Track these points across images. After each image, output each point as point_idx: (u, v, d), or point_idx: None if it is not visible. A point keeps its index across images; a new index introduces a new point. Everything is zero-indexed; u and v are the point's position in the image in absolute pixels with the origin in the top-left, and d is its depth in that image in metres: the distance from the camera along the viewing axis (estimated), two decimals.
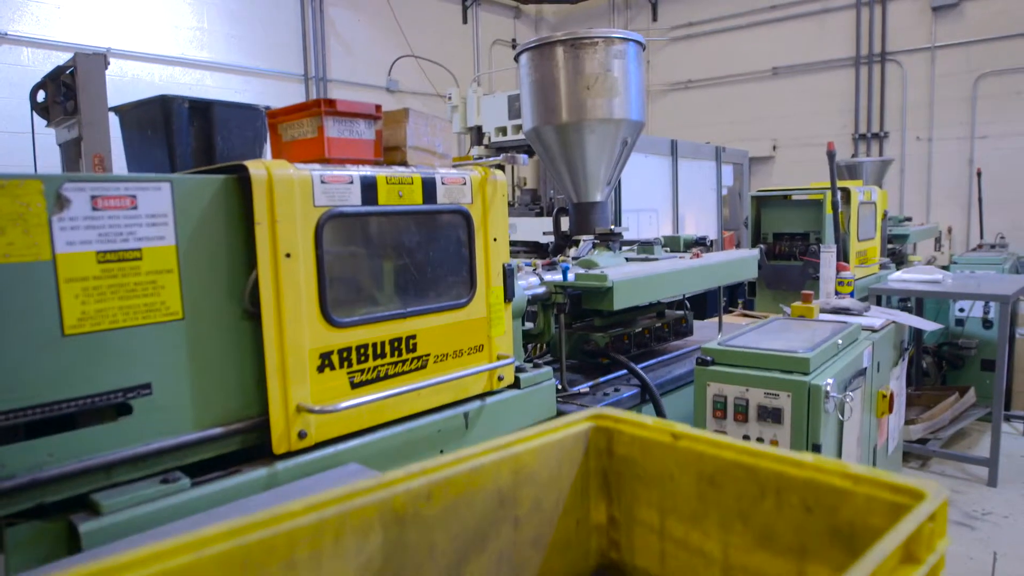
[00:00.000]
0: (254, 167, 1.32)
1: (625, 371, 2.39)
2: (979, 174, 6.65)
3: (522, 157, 2.09)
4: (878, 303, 4.42)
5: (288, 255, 1.35)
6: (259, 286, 1.33)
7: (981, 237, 6.82)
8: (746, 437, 2.04)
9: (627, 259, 2.67)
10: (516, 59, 2.73)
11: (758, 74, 8.32)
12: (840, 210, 3.68)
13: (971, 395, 5.01)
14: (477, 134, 5.38)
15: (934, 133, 7.30)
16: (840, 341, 2.21)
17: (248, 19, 6.70)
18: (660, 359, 2.72)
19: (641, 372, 2.33)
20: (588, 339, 2.49)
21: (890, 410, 2.61)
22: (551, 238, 2.91)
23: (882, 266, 4.97)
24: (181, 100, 1.89)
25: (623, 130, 2.59)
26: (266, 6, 6.86)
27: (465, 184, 1.70)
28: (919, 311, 4.85)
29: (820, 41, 7.91)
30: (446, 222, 1.68)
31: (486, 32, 9.18)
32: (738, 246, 5.26)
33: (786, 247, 4.27)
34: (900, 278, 4.61)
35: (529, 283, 2.16)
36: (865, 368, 2.33)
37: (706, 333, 2.99)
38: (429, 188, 1.62)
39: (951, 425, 4.80)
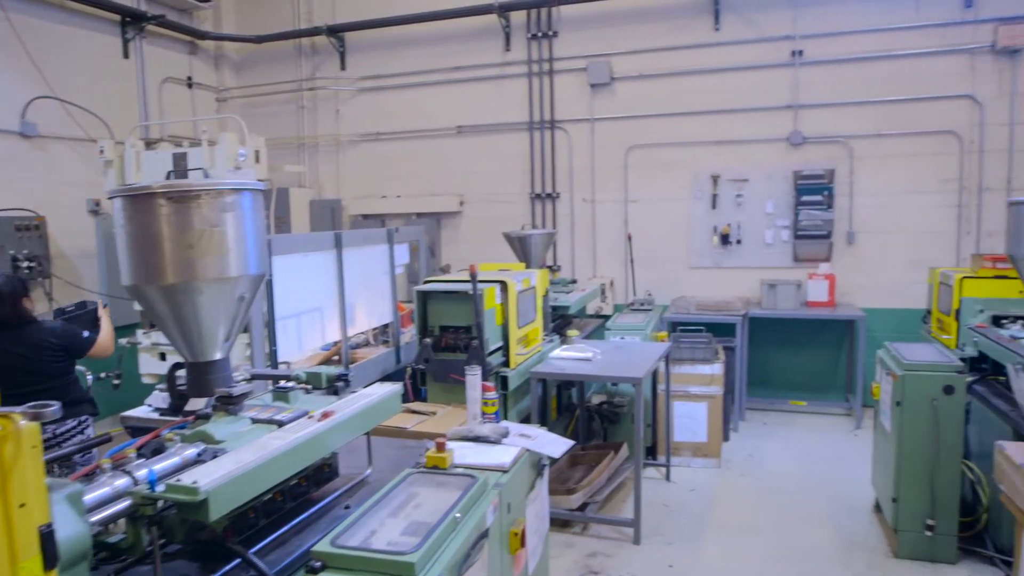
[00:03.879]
0: None
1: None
2: (629, 238, 7.56)
3: None
4: (542, 384, 4.71)
5: None
6: None
7: (634, 294, 7.76)
8: None
9: (252, 420, 2.45)
10: (111, 199, 2.37)
11: (444, 131, 8.59)
12: (484, 335, 3.87)
13: (624, 451, 5.56)
14: None
15: (596, 196, 8.14)
16: (458, 514, 2.22)
17: None
18: (302, 517, 2.54)
19: (259, 563, 2.12)
20: (202, 524, 2.22)
21: (523, 544, 2.72)
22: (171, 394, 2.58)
23: (549, 340, 5.33)
24: None
25: (239, 287, 2.37)
26: None
27: None
28: None
29: (500, 104, 8.40)
30: None
31: (155, 68, 8.29)
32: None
33: (452, 339, 4.37)
34: (558, 356, 4.96)
35: (115, 488, 1.84)
36: (488, 528, 2.38)
37: (358, 459, 2.88)
38: None
39: (608, 484, 5.27)
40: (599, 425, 6.07)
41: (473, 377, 3.22)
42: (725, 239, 7.66)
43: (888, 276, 7.31)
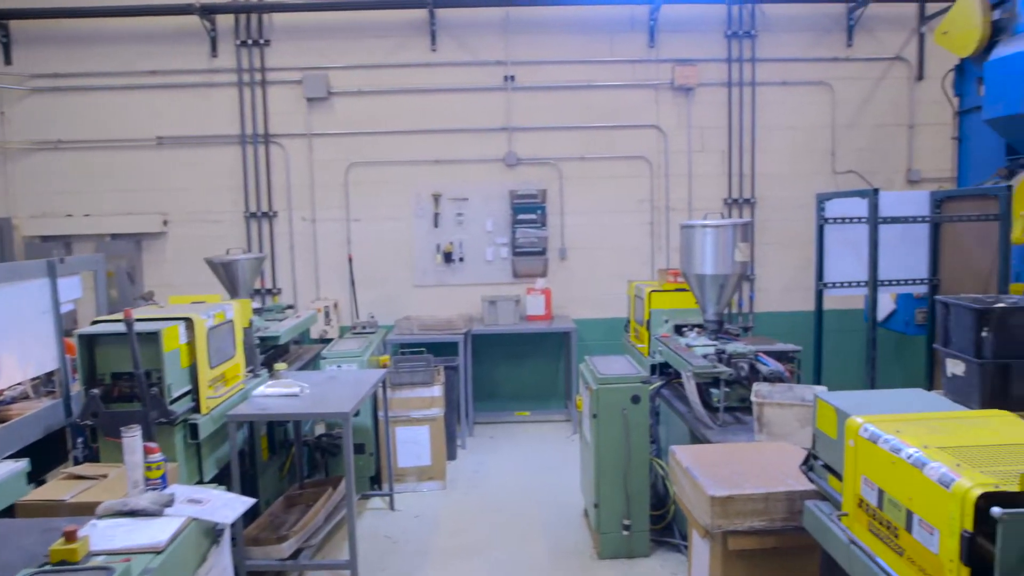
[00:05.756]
0: None
1: None
2: (350, 259, 7.33)
3: None
4: (237, 428, 4.29)
5: None
6: None
7: (357, 316, 7.54)
8: None
9: None
10: None
11: (143, 142, 7.68)
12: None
13: (343, 487, 5.29)
14: None
15: (317, 214, 7.78)
16: None
17: None
18: None
19: None
20: None
21: None
22: None
23: (255, 376, 4.89)
24: None
25: None
26: None
27: None
28: None
29: (208, 115, 7.70)
30: None
31: None
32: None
33: (127, 388, 3.79)
34: (262, 393, 4.58)
35: None
36: None
37: None
38: None
39: (327, 523, 4.97)
40: (320, 461, 5.75)
41: (131, 440, 2.77)
42: (448, 257, 7.75)
43: (596, 289, 7.91)
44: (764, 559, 3.14)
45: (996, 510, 1.76)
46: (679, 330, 5.49)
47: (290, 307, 6.73)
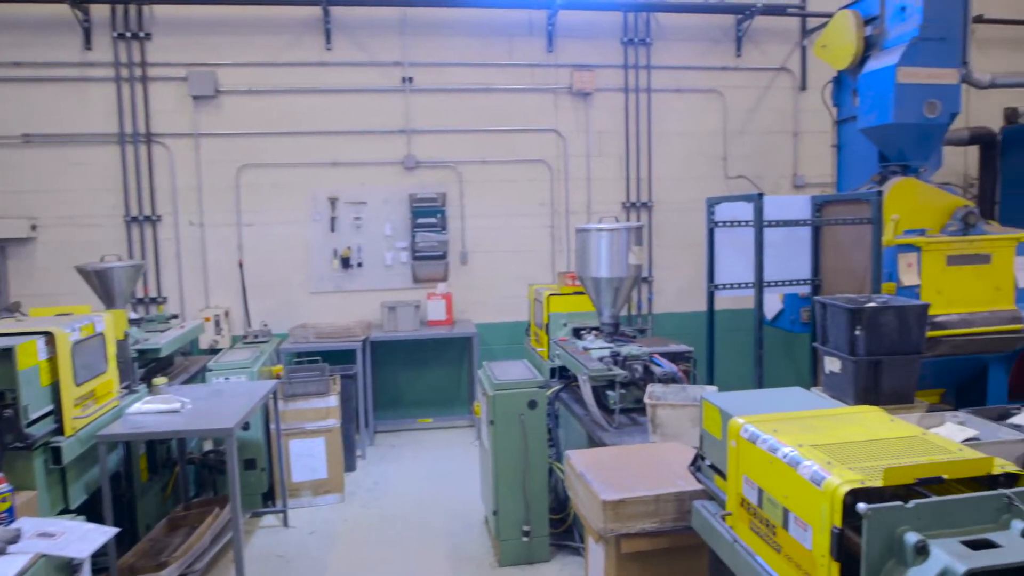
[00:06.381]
0: None
1: None
2: (241, 265, 7.00)
3: None
4: (110, 449, 4.01)
5: None
6: None
7: (249, 325, 7.21)
8: None
9: None
10: None
11: (6, 139, 7.08)
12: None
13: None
14: None
15: (206, 219, 7.40)
16: None
17: None
18: None
19: None
20: None
21: None
22: None
23: (131, 391, 4.57)
24: None
25: None
26: None
27: None
28: None
29: (82, 112, 7.18)
30: None
31: None
32: None
33: None
34: (139, 411, 4.28)
35: None
36: None
37: None
38: None
39: (213, 545, 4.71)
40: (209, 477, 5.45)
41: None
42: (346, 262, 7.53)
43: (498, 293, 7.88)
44: (657, 560, 3.17)
45: (861, 506, 1.80)
46: (577, 333, 5.51)
47: (174, 317, 6.35)
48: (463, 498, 5.75)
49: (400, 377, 7.77)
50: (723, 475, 2.69)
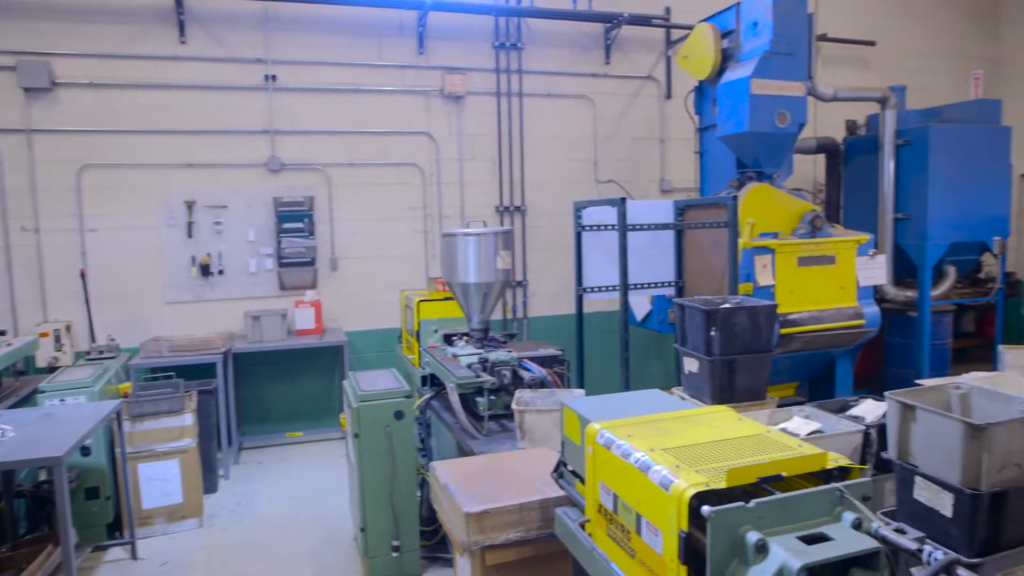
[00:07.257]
0: None
1: None
2: (83, 275, 6.40)
3: None
4: None
5: None
6: None
7: (94, 340, 6.62)
8: None
9: None
10: None
11: None
12: None
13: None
14: None
15: (42, 224, 6.73)
16: None
17: None
18: None
19: None
20: None
21: None
22: None
23: None
24: None
25: None
26: None
27: None
28: None
29: None
30: None
31: None
32: None
33: None
34: None
35: None
36: None
37: None
38: None
39: None
40: (41, 512, 4.92)
41: None
42: (205, 270, 7.06)
43: (370, 299, 7.65)
44: (523, 568, 3.11)
45: (705, 509, 1.80)
46: (448, 339, 5.42)
47: (2, 333, 5.71)
48: (333, 515, 5.51)
49: (267, 390, 7.38)
50: (584, 481, 2.67)
